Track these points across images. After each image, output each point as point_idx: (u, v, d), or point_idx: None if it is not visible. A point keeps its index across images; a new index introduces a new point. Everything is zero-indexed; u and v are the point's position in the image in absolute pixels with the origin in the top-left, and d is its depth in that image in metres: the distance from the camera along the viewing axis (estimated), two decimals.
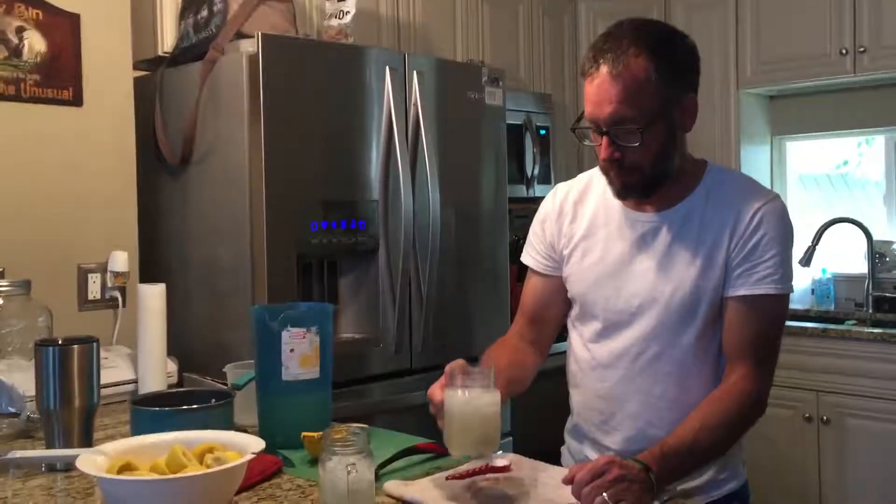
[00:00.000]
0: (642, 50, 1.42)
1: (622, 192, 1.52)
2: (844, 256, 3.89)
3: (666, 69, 1.43)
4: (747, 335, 1.48)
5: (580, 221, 1.63)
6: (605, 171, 1.52)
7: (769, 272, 1.47)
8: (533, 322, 1.71)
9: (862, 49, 3.43)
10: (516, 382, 1.60)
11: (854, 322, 3.62)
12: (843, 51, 3.47)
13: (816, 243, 3.67)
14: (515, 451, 2.58)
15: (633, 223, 1.57)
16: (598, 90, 1.44)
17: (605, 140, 1.45)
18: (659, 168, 1.48)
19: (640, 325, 1.54)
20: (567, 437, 1.73)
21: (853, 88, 3.75)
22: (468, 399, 1.37)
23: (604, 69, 1.43)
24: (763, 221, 1.49)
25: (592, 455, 1.61)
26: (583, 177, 1.69)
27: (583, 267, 1.61)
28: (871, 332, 3.22)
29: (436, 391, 1.42)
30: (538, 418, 2.98)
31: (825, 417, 3.29)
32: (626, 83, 1.41)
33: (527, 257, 1.72)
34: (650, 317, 1.53)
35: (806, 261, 3.66)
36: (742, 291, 1.48)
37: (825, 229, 3.69)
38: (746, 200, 1.51)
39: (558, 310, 1.69)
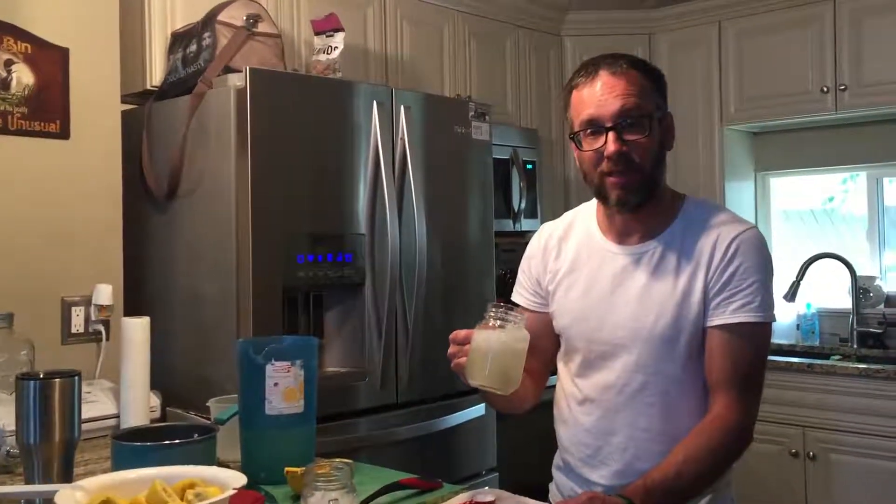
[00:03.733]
0: (629, 64, 1.53)
1: (621, 195, 1.52)
2: (829, 292, 3.91)
3: (652, 82, 1.53)
4: (729, 365, 1.49)
5: (564, 257, 1.66)
6: (605, 176, 1.51)
7: (747, 300, 1.49)
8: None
9: (843, 87, 3.49)
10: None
11: (839, 357, 3.63)
12: (825, 88, 3.53)
13: (801, 278, 3.70)
14: (501, 486, 2.57)
15: (615, 256, 1.59)
16: (603, 89, 1.50)
17: (611, 135, 1.48)
18: (656, 172, 1.54)
19: (624, 357, 1.55)
20: (555, 473, 1.72)
21: (835, 125, 3.81)
22: (503, 332, 1.43)
23: (603, 72, 1.51)
24: (740, 251, 1.50)
25: (580, 491, 1.59)
26: (567, 215, 1.73)
27: (567, 301, 1.63)
28: (856, 368, 3.23)
29: (461, 330, 1.50)
30: (524, 453, 2.96)
31: (811, 453, 3.28)
32: (629, 80, 1.50)
33: (517, 296, 1.75)
34: (634, 348, 1.54)
35: (791, 296, 3.69)
36: (721, 320, 1.49)
37: (809, 264, 3.72)
38: (723, 230, 1.53)
39: (549, 343, 1.70)
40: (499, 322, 1.44)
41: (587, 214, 1.66)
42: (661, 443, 1.51)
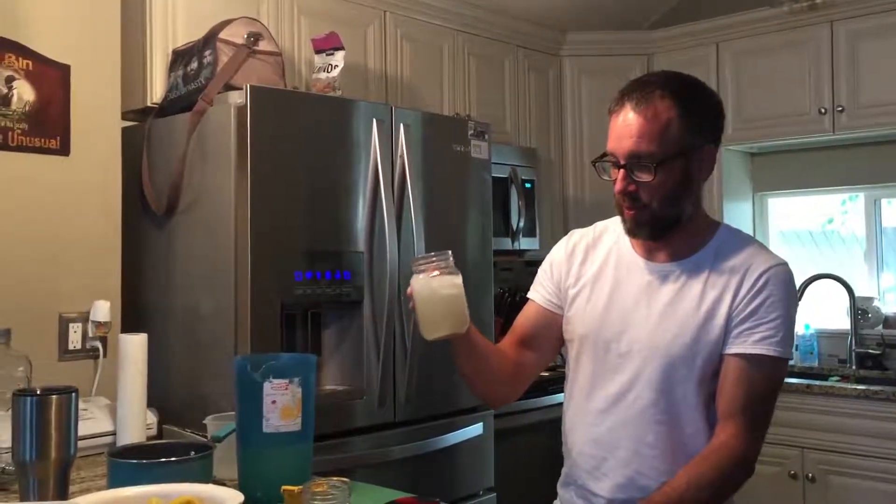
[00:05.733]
0: (668, 94, 1.50)
1: (632, 227, 1.56)
2: (827, 313, 3.91)
3: (689, 116, 1.50)
4: (741, 394, 1.48)
5: (590, 264, 1.66)
6: (619, 206, 1.56)
7: (769, 334, 1.49)
8: (520, 344, 1.71)
9: (840, 108, 3.50)
10: (491, 355, 1.65)
11: (838, 378, 3.63)
12: (822, 110, 3.54)
13: (799, 299, 3.70)
14: None
15: (643, 270, 1.59)
16: (621, 125, 1.50)
17: (621, 173, 1.51)
18: (669, 210, 1.52)
19: (638, 370, 1.55)
20: (559, 490, 1.71)
21: (833, 146, 3.82)
22: (427, 282, 1.46)
23: (628, 106, 1.50)
24: (769, 283, 1.50)
25: None
26: (598, 224, 1.73)
27: (588, 308, 1.63)
28: (855, 389, 3.22)
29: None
30: (522, 473, 2.95)
31: (810, 475, 3.27)
32: (648, 120, 1.48)
33: (533, 293, 1.74)
34: (649, 363, 1.53)
35: None
36: (740, 349, 1.49)
37: (808, 285, 3.73)
38: (755, 262, 1.53)
39: (548, 343, 1.71)
40: (432, 272, 1.46)
41: (619, 225, 1.64)
42: (664, 461, 1.51)
